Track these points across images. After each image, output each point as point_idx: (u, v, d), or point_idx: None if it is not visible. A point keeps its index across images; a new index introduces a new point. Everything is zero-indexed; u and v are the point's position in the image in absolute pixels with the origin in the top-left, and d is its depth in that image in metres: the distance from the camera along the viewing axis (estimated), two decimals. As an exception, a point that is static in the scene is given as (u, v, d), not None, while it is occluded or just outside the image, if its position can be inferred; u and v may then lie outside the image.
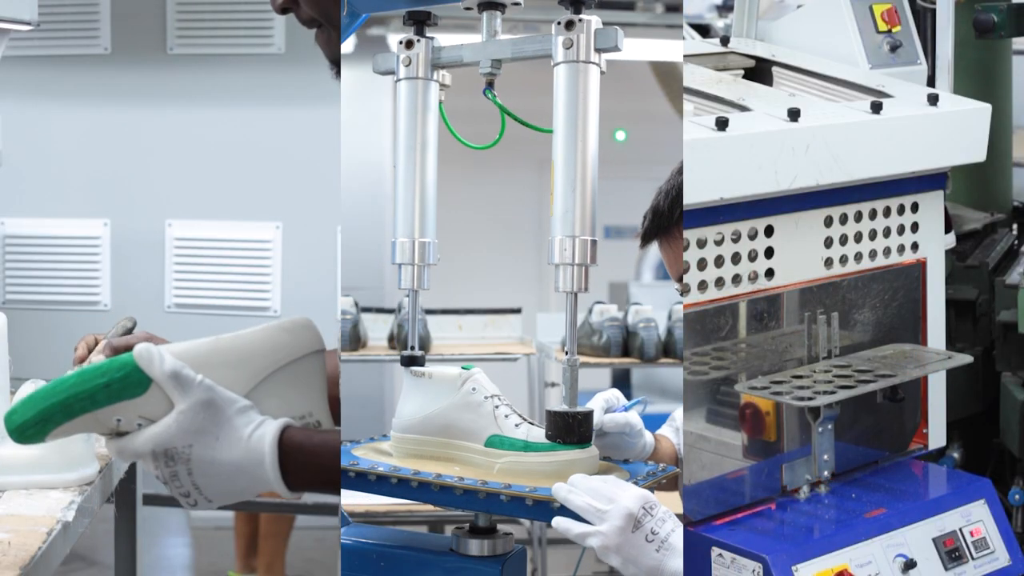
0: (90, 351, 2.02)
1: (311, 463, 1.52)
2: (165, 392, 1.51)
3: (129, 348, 1.56)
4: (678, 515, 1.82)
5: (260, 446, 1.51)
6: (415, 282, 1.98)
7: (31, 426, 1.52)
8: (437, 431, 1.88)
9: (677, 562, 1.63)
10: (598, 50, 1.80)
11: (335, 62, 1.85)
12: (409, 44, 1.97)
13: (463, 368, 1.91)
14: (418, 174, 1.97)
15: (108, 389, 1.51)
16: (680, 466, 2.12)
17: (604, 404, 2.06)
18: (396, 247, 1.98)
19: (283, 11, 1.81)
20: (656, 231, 2.07)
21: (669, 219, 2.02)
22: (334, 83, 1.93)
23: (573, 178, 1.78)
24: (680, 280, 2.07)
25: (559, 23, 1.80)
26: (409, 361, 1.97)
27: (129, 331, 1.73)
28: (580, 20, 1.79)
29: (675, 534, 1.65)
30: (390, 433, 1.97)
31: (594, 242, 1.80)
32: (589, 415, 1.83)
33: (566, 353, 1.86)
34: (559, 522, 1.66)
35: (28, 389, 1.90)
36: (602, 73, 1.81)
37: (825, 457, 2.22)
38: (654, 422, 2.20)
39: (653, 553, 1.63)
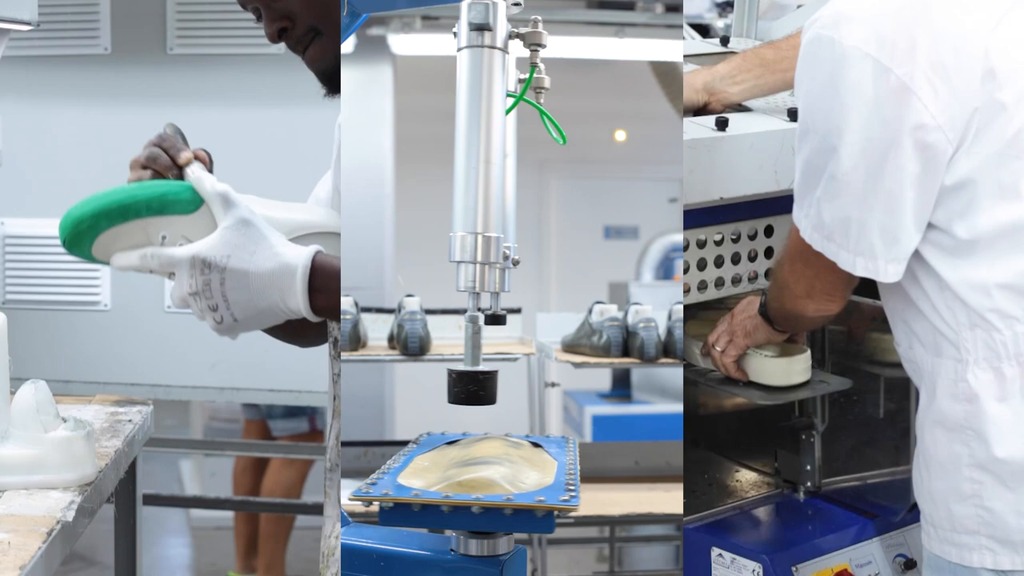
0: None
1: (339, 288, 1.62)
2: (212, 212, 1.63)
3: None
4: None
5: (294, 259, 1.61)
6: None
7: (87, 220, 1.60)
8: None
9: None
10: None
11: (329, 75, 1.80)
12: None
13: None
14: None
15: (163, 199, 1.62)
16: None
17: None
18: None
19: (279, 35, 1.78)
20: None
21: None
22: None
23: (477, 169, 1.70)
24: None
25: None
26: None
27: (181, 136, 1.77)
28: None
29: None
30: None
31: (498, 239, 1.72)
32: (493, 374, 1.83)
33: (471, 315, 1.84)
34: None
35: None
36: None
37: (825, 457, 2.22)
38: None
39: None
